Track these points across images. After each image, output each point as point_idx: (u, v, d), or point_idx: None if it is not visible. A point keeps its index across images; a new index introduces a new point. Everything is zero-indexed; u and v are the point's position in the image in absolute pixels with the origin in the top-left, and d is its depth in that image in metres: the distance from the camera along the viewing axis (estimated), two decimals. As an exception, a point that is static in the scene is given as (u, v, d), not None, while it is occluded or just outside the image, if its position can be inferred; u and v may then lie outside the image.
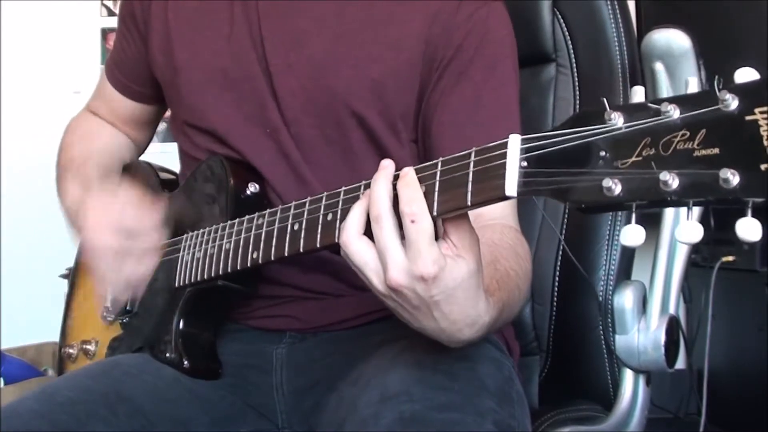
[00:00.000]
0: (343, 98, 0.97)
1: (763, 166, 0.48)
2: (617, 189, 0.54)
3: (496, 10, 1.00)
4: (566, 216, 1.22)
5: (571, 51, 1.25)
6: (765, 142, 0.48)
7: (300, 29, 0.99)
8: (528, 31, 1.27)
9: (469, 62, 0.96)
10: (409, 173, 0.67)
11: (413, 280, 0.65)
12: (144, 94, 1.19)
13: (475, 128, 0.94)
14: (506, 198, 0.61)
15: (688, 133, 0.52)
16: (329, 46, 0.98)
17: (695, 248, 1.28)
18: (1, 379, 2.04)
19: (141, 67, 1.14)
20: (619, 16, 1.20)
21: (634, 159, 0.54)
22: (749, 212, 0.50)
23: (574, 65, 1.25)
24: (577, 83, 1.25)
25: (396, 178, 0.68)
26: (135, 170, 1.22)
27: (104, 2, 2.74)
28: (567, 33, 1.25)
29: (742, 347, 2.15)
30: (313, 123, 0.99)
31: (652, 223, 1.15)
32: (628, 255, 1.18)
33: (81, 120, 1.26)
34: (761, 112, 0.49)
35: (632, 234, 0.56)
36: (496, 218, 0.90)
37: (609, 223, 1.17)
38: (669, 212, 1.11)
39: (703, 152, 0.51)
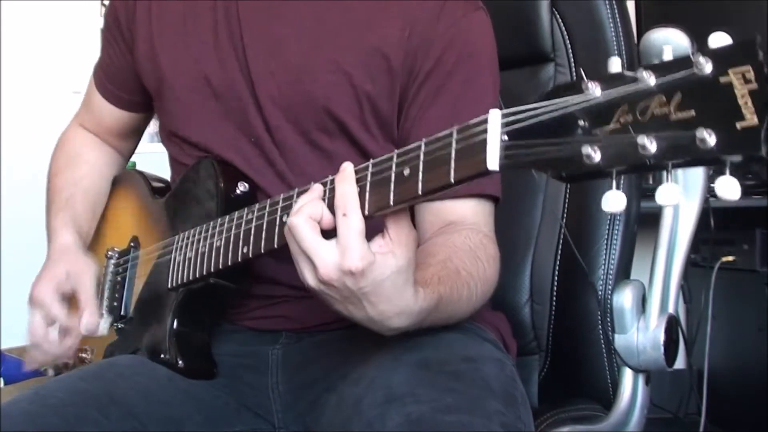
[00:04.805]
0: (323, 104, 0.97)
1: (738, 125, 0.49)
2: (597, 156, 0.55)
3: (477, 20, 0.98)
4: (565, 215, 1.22)
5: (570, 51, 1.25)
6: (739, 101, 0.49)
7: (280, 35, 0.98)
8: (526, 30, 1.27)
9: (447, 76, 0.95)
10: (347, 168, 0.71)
11: (342, 274, 0.69)
12: (133, 102, 1.17)
13: None
14: (489, 172, 0.62)
15: (664, 98, 0.52)
16: (308, 52, 0.97)
17: (695, 248, 1.28)
18: (1, 379, 2.04)
19: (129, 75, 1.13)
20: (617, 15, 1.20)
21: (612, 126, 0.55)
22: (727, 171, 0.51)
23: (573, 65, 1.25)
24: (576, 83, 1.25)
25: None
26: (126, 181, 1.21)
27: (104, 2, 2.74)
28: (566, 33, 1.25)
29: (742, 347, 2.16)
30: (296, 129, 0.98)
31: (651, 223, 1.15)
32: (627, 254, 1.18)
33: (69, 137, 1.24)
34: (735, 73, 0.49)
35: (613, 200, 0.56)
36: (467, 224, 0.91)
37: (608, 222, 1.17)
38: (668, 212, 1.11)
39: (680, 115, 0.51)
